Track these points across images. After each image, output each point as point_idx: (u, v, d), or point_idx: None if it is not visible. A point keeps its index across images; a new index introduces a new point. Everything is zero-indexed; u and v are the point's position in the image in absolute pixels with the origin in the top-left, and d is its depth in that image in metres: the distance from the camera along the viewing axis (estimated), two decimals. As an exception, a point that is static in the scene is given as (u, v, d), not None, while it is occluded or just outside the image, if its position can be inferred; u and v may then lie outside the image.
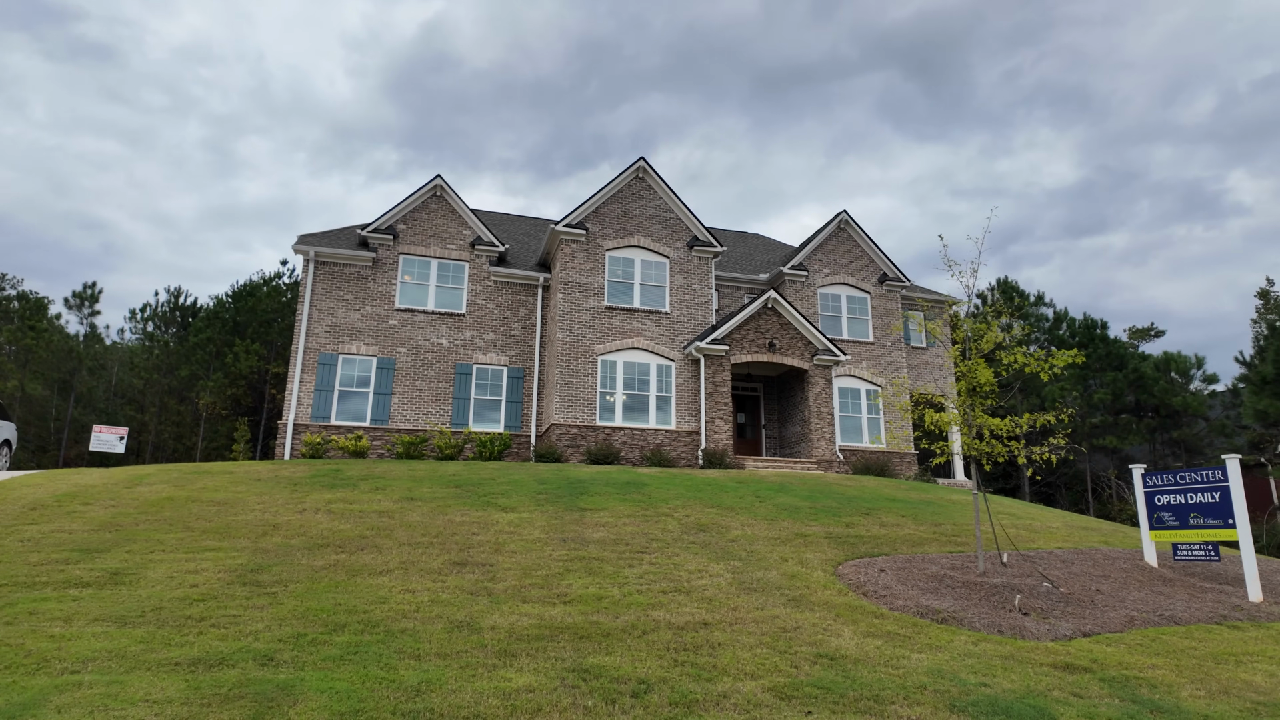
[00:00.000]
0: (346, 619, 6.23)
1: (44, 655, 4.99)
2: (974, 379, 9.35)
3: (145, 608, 6.12)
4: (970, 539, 11.39)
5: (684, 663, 5.84)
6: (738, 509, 11.88)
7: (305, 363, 19.51)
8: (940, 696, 5.51)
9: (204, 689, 4.63)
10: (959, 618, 7.52)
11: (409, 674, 5.17)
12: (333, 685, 4.84)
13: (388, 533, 9.34)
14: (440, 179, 21.52)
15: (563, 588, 7.61)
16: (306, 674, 5.02)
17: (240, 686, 4.71)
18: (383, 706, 4.60)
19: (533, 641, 6.05)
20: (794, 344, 20.97)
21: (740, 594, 7.84)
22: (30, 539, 8.02)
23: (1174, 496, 10.24)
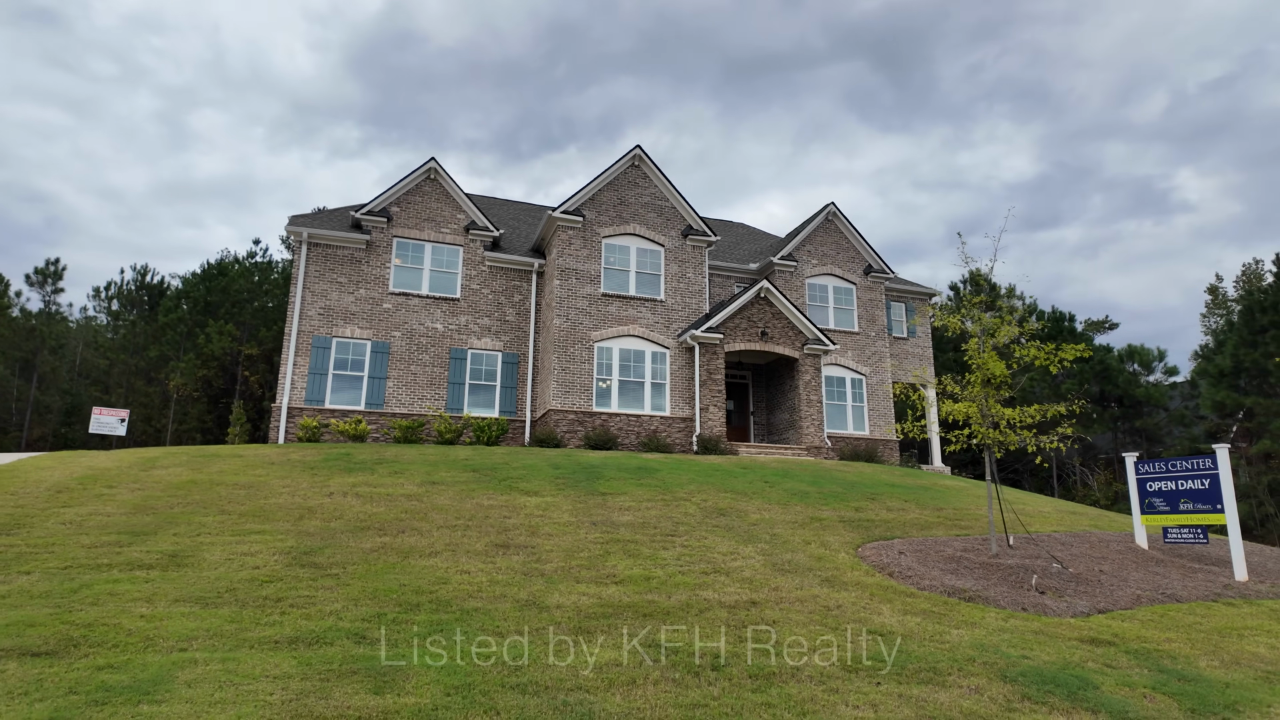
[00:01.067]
0: (417, 599, 6.41)
1: (145, 634, 5.09)
2: (988, 371, 9.82)
3: (218, 589, 6.22)
4: (972, 522, 11.94)
5: (748, 638, 6.15)
6: (750, 494, 12.24)
7: (299, 345, 19.32)
8: (989, 668, 5.92)
9: (314, 665, 4.80)
10: (984, 596, 7.98)
11: (500, 650, 5.39)
12: (434, 661, 5.04)
13: (422, 516, 9.48)
14: (434, 162, 21.38)
15: (609, 569, 7.87)
16: (404, 650, 5.20)
17: (347, 663, 4.88)
18: (489, 680, 4.82)
19: (600, 619, 6.31)
20: (785, 333, 21.41)
21: (776, 575, 8.19)
22: (71, 521, 7.99)
23: (1165, 483, 10.88)
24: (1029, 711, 5.12)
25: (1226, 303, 57.18)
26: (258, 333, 38.95)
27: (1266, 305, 27.00)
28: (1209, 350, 32.67)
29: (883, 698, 5.16)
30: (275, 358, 39.36)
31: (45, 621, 5.17)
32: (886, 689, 5.33)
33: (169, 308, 39.10)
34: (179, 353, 37.58)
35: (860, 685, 5.40)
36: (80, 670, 4.43)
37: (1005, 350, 10.33)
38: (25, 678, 4.27)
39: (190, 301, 38.74)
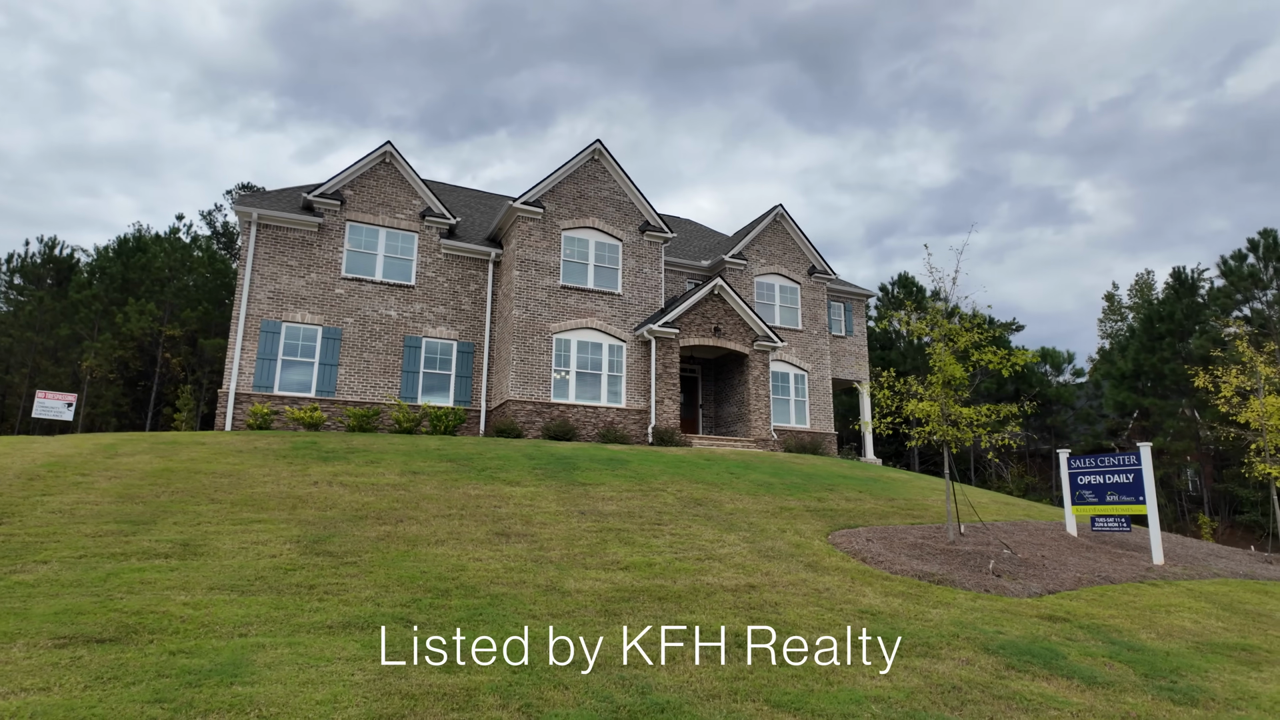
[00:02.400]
0: (444, 585, 6.63)
1: (198, 621, 5.17)
2: (949, 374, 10.66)
3: (247, 577, 6.28)
4: (923, 511, 12.87)
5: (758, 620, 6.67)
6: (720, 485, 12.81)
7: (247, 330, 18.76)
8: (971, 643, 6.62)
9: (378, 648, 5.01)
10: (951, 580, 8.77)
11: (542, 632, 5.71)
12: (489, 642, 5.33)
13: (414, 505, 9.60)
14: (390, 145, 21.04)
15: (610, 556, 8.25)
16: (454, 633, 5.46)
17: (408, 645, 5.12)
18: (543, 661, 5.15)
19: (620, 603, 6.70)
20: (737, 329, 22.14)
21: (764, 561, 8.76)
22: (60, 510, 7.77)
23: (1094, 477, 12.04)
24: (1016, 678, 5.81)
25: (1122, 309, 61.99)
26: (180, 313, 37.21)
27: (1164, 315, 29.52)
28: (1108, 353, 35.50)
29: (891, 669, 5.76)
30: (200, 339, 37.73)
31: (92, 610, 5.17)
32: (891, 662, 5.94)
33: (81, 284, 36.82)
34: (93, 332, 35.49)
35: (865, 658, 5.98)
36: (155, 655, 4.52)
37: (963, 354, 11.21)
38: (105, 663, 4.34)
39: (106, 278, 36.61)
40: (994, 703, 5.26)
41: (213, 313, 38.60)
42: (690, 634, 6.07)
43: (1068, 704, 5.35)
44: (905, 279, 40.14)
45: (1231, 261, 27.92)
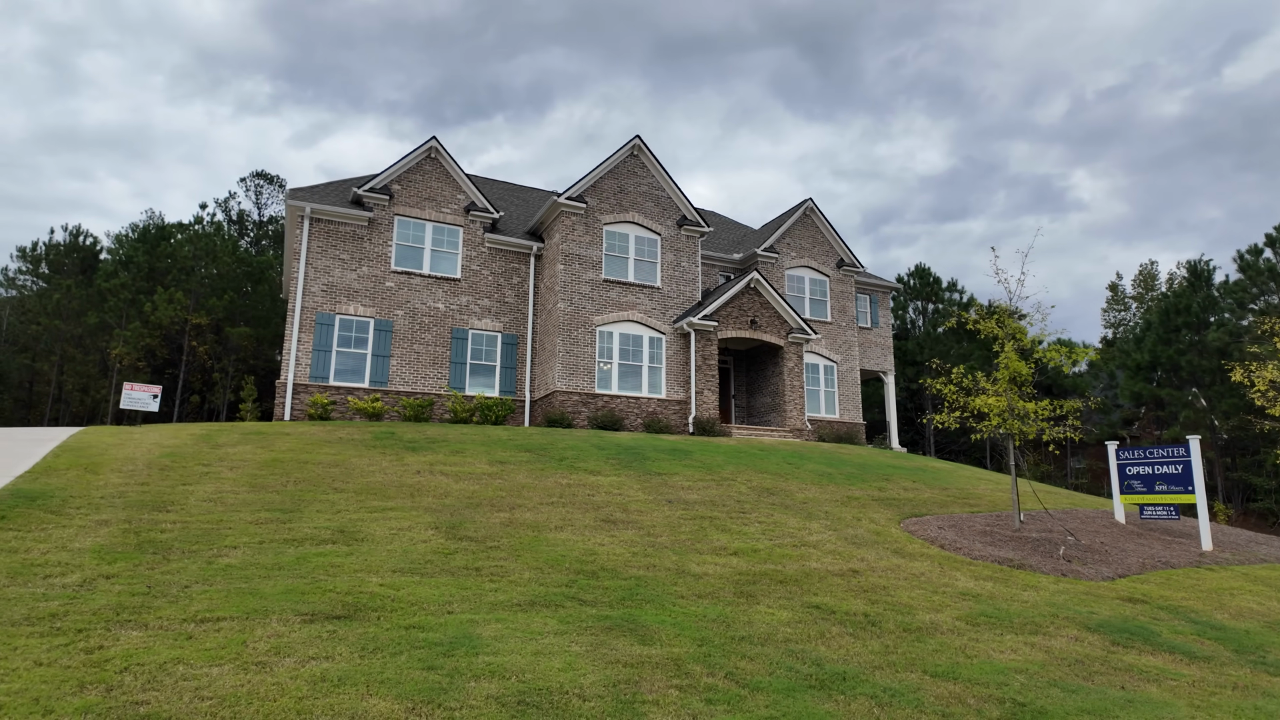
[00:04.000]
0: (588, 568, 7.20)
1: (407, 600, 5.72)
2: (1014, 370, 11.25)
3: (416, 560, 6.84)
4: (978, 500, 13.50)
5: (876, 601, 7.26)
6: (783, 475, 13.41)
7: (303, 322, 19.23)
8: (1071, 621, 7.23)
9: (575, 622, 5.58)
10: (1027, 564, 9.38)
11: (699, 610, 6.29)
12: (663, 619, 5.91)
13: (516, 493, 10.16)
14: (435, 141, 21.43)
15: (715, 542, 8.83)
16: (626, 610, 6.03)
17: (599, 620, 5.69)
18: (716, 633, 5.73)
19: (748, 585, 7.28)
20: (772, 322, 22.69)
21: (853, 548, 9.35)
22: (208, 499, 8.31)
23: (1142, 468, 12.66)
24: (1124, 653, 6.42)
25: (1126, 299, 62.73)
26: (206, 301, 37.59)
27: (1180, 308, 30.14)
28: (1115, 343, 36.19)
29: (1012, 644, 6.36)
30: (225, 328, 38.14)
31: (309, 590, 5.72)
32: (1010, 638, 6.54)
33: (109, 273, 37.14)
34: (122, 321, 35.86)
35: (986, 635, 6.59)
36: (392, 630, 5.08)
37: (1026, 351, 11.79)
38: (358, 636, 4.89)
39: (134, 267, 36.92)
40: (1117, 674, 5.87)
41: (238, 301, 38.99)
42: (825, 614, 6.65)
43: (1181, 675, 5.96)
44: (921, 270, 40.71)
45: (1248, 256, 28.53)
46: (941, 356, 37.77)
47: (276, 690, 3.98)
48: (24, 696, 3.65)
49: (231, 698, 3.85)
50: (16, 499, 7.33)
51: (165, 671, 4.08)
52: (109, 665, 4.10)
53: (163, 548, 6.43)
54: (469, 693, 4.19)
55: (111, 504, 7.69)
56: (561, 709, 4.12)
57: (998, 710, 4.85)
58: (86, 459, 9.66)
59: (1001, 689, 5.23)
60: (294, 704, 3.85)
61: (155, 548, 6.41)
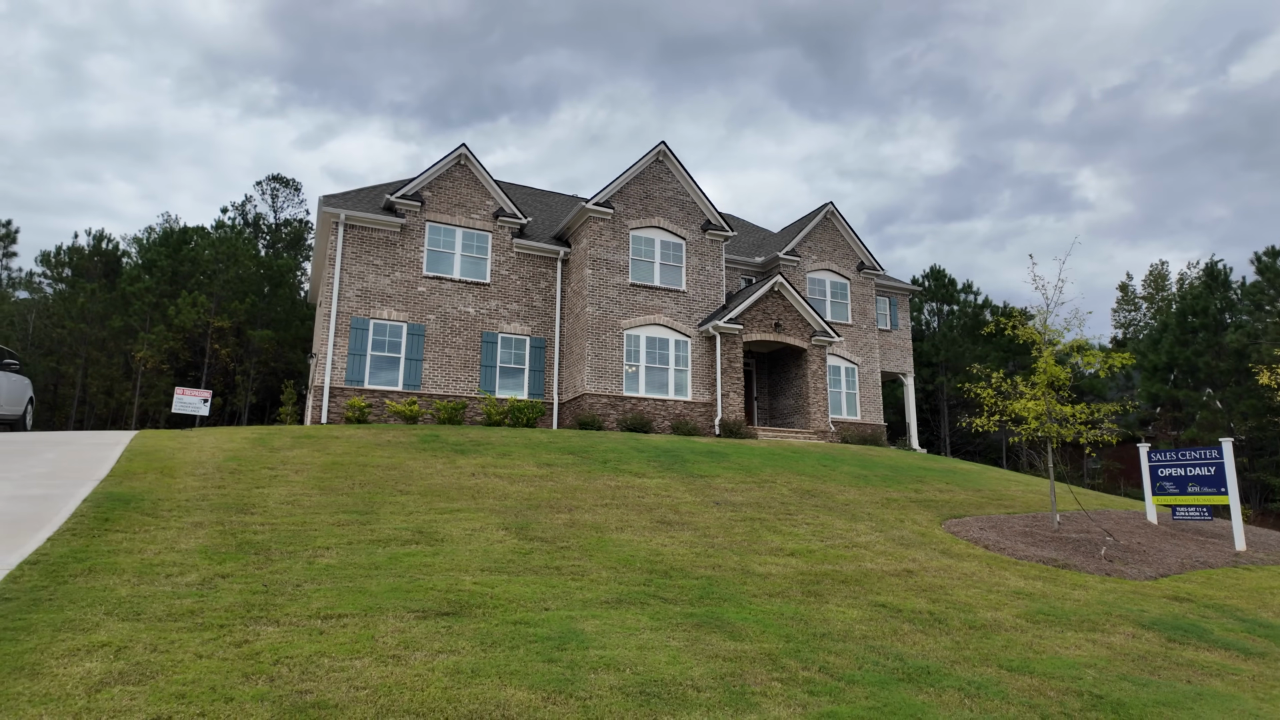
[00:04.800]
0: (658, 567, 7.49)
1: (503, 597, 6.02)
2: (1052, 375, 11.52)
3: (498, 560, 7.14)
4: (1011, 501, 13.75)
5: (936, 600, 7.54)
6: (820, 477, 13.69)
7: (338, 326, 19.59)
8: (1124, 619, 7.50)
9: (665, 619, 5.88)
10: (1071, 564, 9.65)
11: (774, 608, 6.58)
12: (745, 617, 6.20)
13: (570, 495, 10.46)
14: (465, 148, 21.77)
15: (770, 543, 9.12)
16: (707, 607, 6.32)
17: (686, 618, 5.98)
18: (798, 629, 6.02)
19: (813, 584, 7.56)
20: (796, 325, 22.97)
21: (902, 548, 9.63)
22: (285, 502, 8.63)
23: (1174, 469, 12.91)
24: (1182, 650, 6.69)
25: (1136, 299, 62.81)
26: (228, 304, 38.03)
27: (1198, 310, 30.30)
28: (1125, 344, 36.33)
29: (1075, 641, 6.64)
30: (247, 330, 38.55)
31: (411, 589, 6.02)
32: (1071, 635, 6.81)
33: (133, 276, 37.59)
34: (146, 324, 36.31)
35: (1048, 632, 6.86)
36: (502, 625, 5.38)
37: (1062, 356, 12.06)
38: (472, 631, 5.19)
39: (158, 271, 37.37)
40: (1179, 669, 6.14)
41: (259, 304, 39.42)
42: (892, 612, 6.94)
43: (1240, 670, 6.23)
44: (936, 271, 40.92)
45: (1265, 258, 28.69)
46: (956, 358, 38.04)
47: (420, 681, 4.29)
48: (201, 685, 3.96)
49: (383, 687, 4.15)
50: (113, 502, 7.66)
51: (314, 664, 4.39)
52: (260, 658, 4.41)
53: (261, 549, 6.75)
54: (593, 684, 4.49)
55: (198, 506, 8.01)
56: (680, 699, 4.42)
57: (1078, 702, 5.13)
58: (158, 463, 10.00)
59: (1076, 682, 5.50)
60: (441, 693, 4.15)
61: (254, 549, 6.72)
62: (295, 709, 3.81)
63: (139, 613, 4.96)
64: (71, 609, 4.90)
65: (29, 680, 3.85)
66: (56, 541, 6.28)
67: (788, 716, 4.35)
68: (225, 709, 3.74)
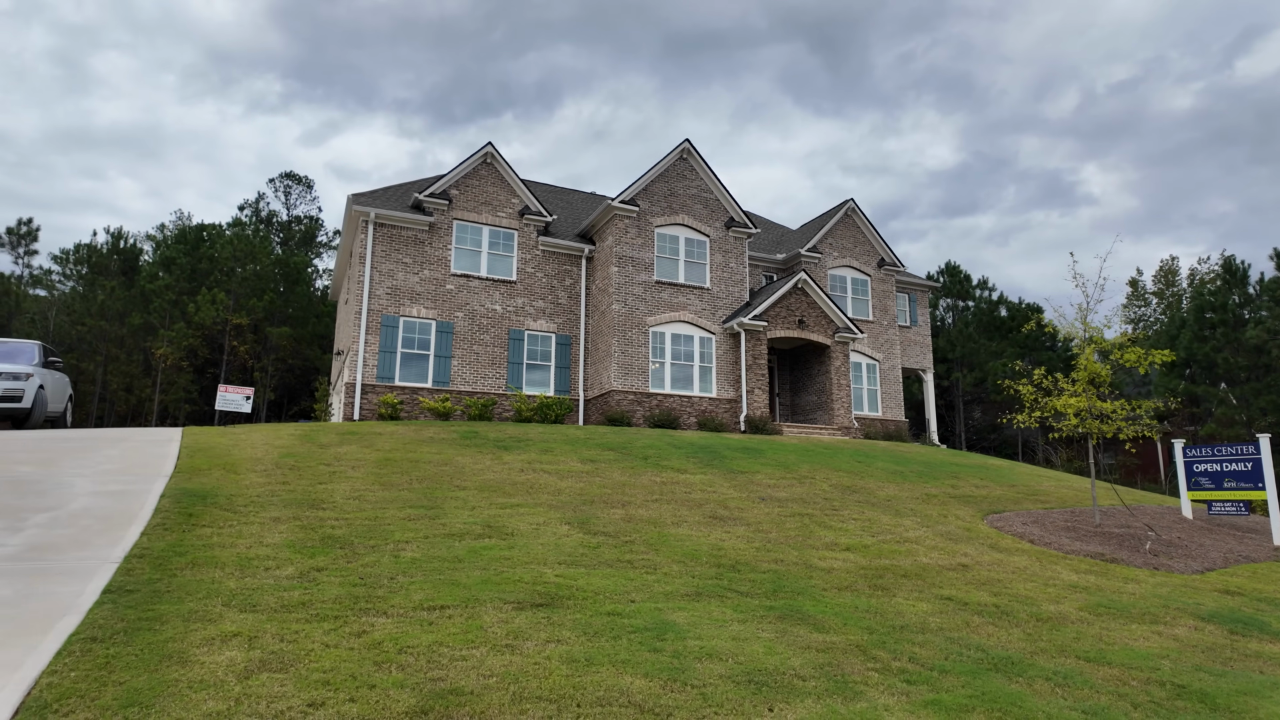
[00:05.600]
0: (724, 561, 7.65)
1: (590, 590, 6.18)
2: (1093, 372, 11.64)
3: (569, 554, 7.29)
4: (1045, 496, 13.89)
5: (998, 594, 7.68)
6: (857, 473, 13.83)
7: (369, 324, 19.76)
8: (1182, 612, 7.64)
9: (748, 611, 6.03)
10: (1119, 559, 9.78)
11: (847, 601, 6.73)
12: (822, 610, 6.35)
13: (619, 490, 10.62)
14: (491, 146, 21.90)
15: (824, 539, 9.26)
16: (784, 600, 6.47)
17: (768, 610, 6.14)
18: (879, 623, 6.17)
19: (876, 578, 7.71)
20: (819, 321, 23.09)
21: (951, 543, 9.77)
22: (352, 498, 8.80)
23: (1210, 465, 13.03)
24: (1246, 642, 6.83)
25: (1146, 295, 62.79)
26: (246, 301, 38.26)
27: (1216, 305, 30.34)
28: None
29: (1141, 633, 6.78)
30: (265, 327, 38.77)
31: (499, 581, 6.18)
32: (1135, 628, 6.95)
33: (152, 274, 37.83)
34: (166, 321, 36.55)
35: (1112, 624, 7.00)
36: (596, 616, 5.54)
37: (1104, 352, 12.17)
38: (570, 622, 5.35)
39: (177, 269, 37.60)
40: (1248, 660, 6.28)
41: (276, 301, 39.62)
42: (959, 605, 7.08)
43: (1308, 661, 6.36)
44: (952, 267, 40.99)
45: (1285, 254, 28.69)
46: (971, 354, 38.11)
47: (539, 669, 4.45)
48: (340, 673, 4.12)
49: (508, 675, 4.31)
50: (191, 498, 7.84)
51: (435, 653, 4.55)
52: (383, 647, 4.57)
53: (344, 543, 6.91)
54: (702, 672, 4.64)
55: (270, 502, 8.18)
56: (789, 688, 4.57)
57: (1162, 692, 5.28)
58: (218, 460, 10.18)
59: (1154, 672, 5.65)
60: (564, 680, 4.31)
61: (337, 543, 6.89)
62: (434, 695, 3.97)
63: (253, 604, 5.12)
64: (191, 600, 5.07)
65: (181, 668, 4.02)
66: (151, 535, 6.46)
67: (894, 704, 4.50)
68: (370, 695, 3.90)
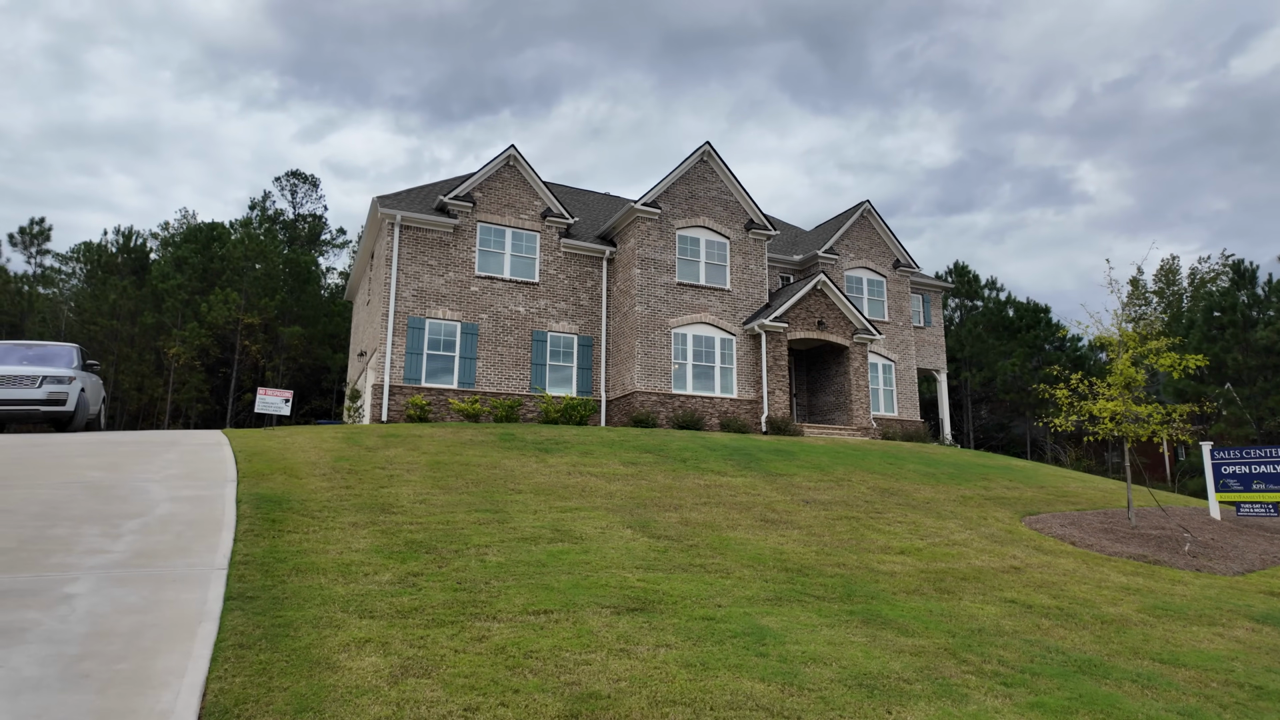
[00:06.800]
0: (790, 565, 7.83)
1: (673, 595, 6.35)
2: (1128, 376, 11.85)
3: (641, 558, 7.46)
4: (1075, 497, 14.10)
5: (1057, 596, 7.88)
6: (891, 474, 14.02)
7: (396, 325, 19.89)
8: (1237, 614, 7.85)
9: (831, 616, 6.21)
10: (1161, 560, 9.99)
11: (919, 605, 6.92)
12: (900, 614, 6.54)
13: (666, 493, 10.79)
14: (514, 149, 22.03)
15: (875, 542, 9.45)
16: (860, 605, 6.66)
17: (849, 615, 6.32)
18: (953, 628, 6.36)
19: (939, 581, 7.90)
20: (838, 323, 23.29)
21: (998, 545, 9.97)
22: (419, 500, 8.95)
23: (1238, 467, 13.26)
24: (1304, 642, 7.03)
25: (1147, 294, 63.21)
26: (258, 301, 38.31)
27: (1225, 305, 30.62)
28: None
29: (1204, 635, 6.98)
30: (277, 327, 38.84)
31: (589, 585, 6.35)
32: (1196, 630, 7.16)
33: (165, 273, 37.86)
34: (179, 321, 36.60)
35: (1173, 626, 7.21)
36: (691, 620, 5.71)
37: (1139, 357, 12.39)
38: (669, 626, 5.52)
39: (188, 269, 37.63)
40: (1312, 661, 6.48)
41: (288, 301, 39.68)
42: (1024, 608, 7.28)
43: (1369, 662, 6.57)
44: (960, 267, 41.25)
45: (1294, 255, 28.94)
46: (980, 354, 38.35)
47: (661, 673, 4.62)
48: (480, 678, 4.29)
49: (634, 679, 4.48)
50: (269, 505, 7.99)
51: (558, 657, 4.72)
52: (507, 652, 4.74)
53: (428, 548, 7.08)
54: (812, 676, 4.82)
55: (342, 507, 8.34)
56: (898, 691, 4.75)
57: (1242, 693, 5.47)
58: (276, 465, 10.32)
59: (1230, 674, 5.85)
60: (688, 684, 4.48)
61: (422, 548, 7.05)
62: (576, 699, 4.14)
63: (369, 611, 5.28)
64: (310, 607, 5.23)
65: (331, 673, 4.18)
66: (244, 542, 6.61)
67: (1001, 707, 4.69)
68: (517, 699, 4.07)
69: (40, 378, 13.07)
